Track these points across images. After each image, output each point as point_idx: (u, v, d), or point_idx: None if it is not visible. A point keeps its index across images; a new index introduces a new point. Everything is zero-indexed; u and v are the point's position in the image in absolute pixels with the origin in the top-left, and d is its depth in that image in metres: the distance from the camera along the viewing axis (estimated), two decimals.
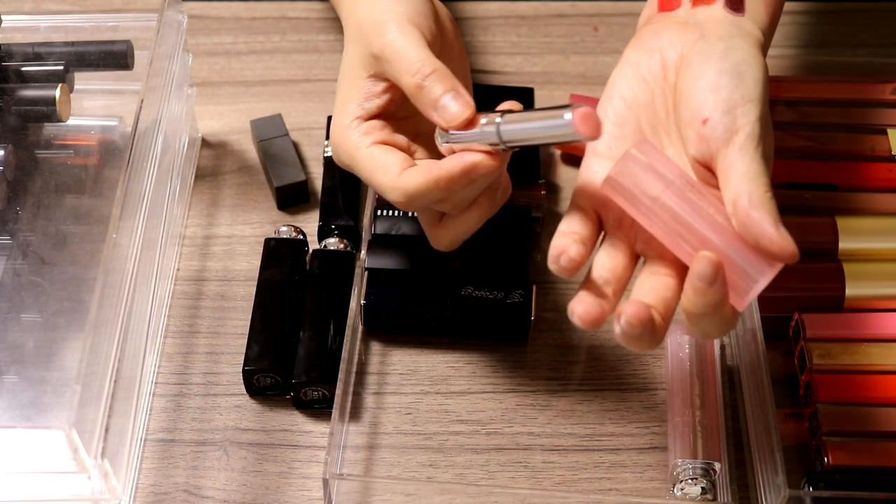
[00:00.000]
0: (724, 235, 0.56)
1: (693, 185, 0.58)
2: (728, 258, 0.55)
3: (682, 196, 0.57)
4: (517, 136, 0.59)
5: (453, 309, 0.70)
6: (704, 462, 0.65)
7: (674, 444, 0.66)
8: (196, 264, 0.76)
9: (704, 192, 0.58)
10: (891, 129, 0.76)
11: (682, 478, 0.65)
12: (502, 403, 0.70)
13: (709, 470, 0.65)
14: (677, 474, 0.65)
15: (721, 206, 0.57)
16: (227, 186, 0.80)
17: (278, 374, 0.69)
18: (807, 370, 0.67)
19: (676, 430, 0.67)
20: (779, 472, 0.62)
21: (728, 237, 0.56)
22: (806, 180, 0.73)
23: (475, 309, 0.70)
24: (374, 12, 0.64)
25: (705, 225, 0.57)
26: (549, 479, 0.67)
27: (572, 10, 0.91)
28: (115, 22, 0.75)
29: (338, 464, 0.67)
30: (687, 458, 0.65)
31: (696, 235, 0.57)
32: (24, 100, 0.70)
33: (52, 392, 0.63)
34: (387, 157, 0.63)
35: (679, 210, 0.57)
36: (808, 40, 0.88)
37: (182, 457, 0.68)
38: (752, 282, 0.55)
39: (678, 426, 0.67)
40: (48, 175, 0.72)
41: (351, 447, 0.68)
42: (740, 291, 0.56)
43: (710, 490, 0.65)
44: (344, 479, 0.65)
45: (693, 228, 0.57)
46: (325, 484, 0.63)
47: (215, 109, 0.84)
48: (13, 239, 0.69)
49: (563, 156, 0.82)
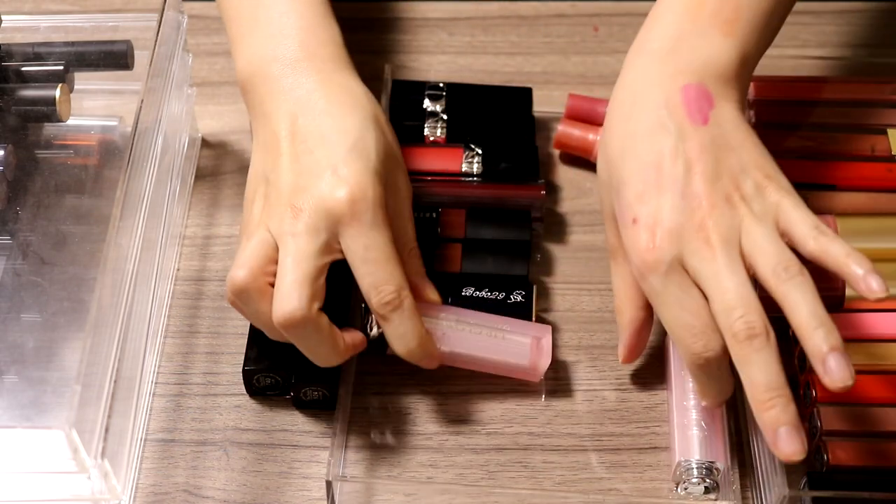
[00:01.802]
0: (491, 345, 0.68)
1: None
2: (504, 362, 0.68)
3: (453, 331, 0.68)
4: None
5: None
6: (708, 461, 0.65)
7: (676, 443, 0.66)
8: (196, 264, 0.76)
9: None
10: (891, 129, 0.76)
11: (686, 477, 0.65)
12: (502, 403, 0.70)
13: (712, 469, 0.65)
14: (680, 474, 0.65)
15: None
16: (227, 186, 0.80)
17: (278, 374, 0.69)
18: (807, 370, 0.67)
19: (679, 430, 0.67)
20: (778, 472, 0.62)
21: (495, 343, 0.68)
22: (806, 180, 0.73)
23: (476, 310, 0.70)
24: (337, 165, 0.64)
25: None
26: (549, 479, 0.67)
27: (572, 10, 0.91)
28: (115, 22, 0.75)
29: (340, 465, 0.67)
30: (690, 457, 0.65)
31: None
32: (24, 100, 0.70)
33: (52, 392, 0.63)
34: (336, 333, 0.65)
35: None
36: (808, 40, 0.88)
37: (182, 457, 0.68)
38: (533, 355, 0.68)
39: (680, 426, 0.67)
40: (48, 175, 0.72)
41: (351, 447, 0.68)
42: (534, 366, 0.68)
43: (714, 489, 0.65)
44: (348, 480, 0.65)
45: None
46: (328, 486, 0.63)
47: (215, 109, 0.84)
48: (13, 239, 0.69)
49: (562, 156, 0.82)
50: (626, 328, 0.68)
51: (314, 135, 0.65)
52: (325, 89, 0.67)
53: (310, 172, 0.64)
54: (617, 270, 0.68)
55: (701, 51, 0.65)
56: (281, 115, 0.66)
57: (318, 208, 0.63)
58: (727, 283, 0.60)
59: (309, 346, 0.64)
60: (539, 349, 0.68)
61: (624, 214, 0.64)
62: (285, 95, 0.67)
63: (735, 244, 0.61)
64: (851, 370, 0.58)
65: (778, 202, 0.62)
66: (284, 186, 0.64)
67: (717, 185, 0.62)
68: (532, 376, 0.69)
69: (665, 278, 0.61)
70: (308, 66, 0.67)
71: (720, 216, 0.61)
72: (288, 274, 0.63)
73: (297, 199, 0.64)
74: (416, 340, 0.65)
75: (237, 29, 0.70)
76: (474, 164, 0.76)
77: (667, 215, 0.62)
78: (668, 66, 0.65)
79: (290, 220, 0.63)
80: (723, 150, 0.63)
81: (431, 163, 0.76)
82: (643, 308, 0.67)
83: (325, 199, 0.63)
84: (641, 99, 0.65)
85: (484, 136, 0.78)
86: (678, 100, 0.64)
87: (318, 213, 0.63)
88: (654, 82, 0.65)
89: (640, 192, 0.63)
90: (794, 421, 0.59)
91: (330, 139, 0.65)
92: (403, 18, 0.90)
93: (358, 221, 0.63)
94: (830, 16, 0.90)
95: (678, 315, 0.61)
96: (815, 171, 0.74)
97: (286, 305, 0.62)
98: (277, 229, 0.64)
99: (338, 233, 0.63)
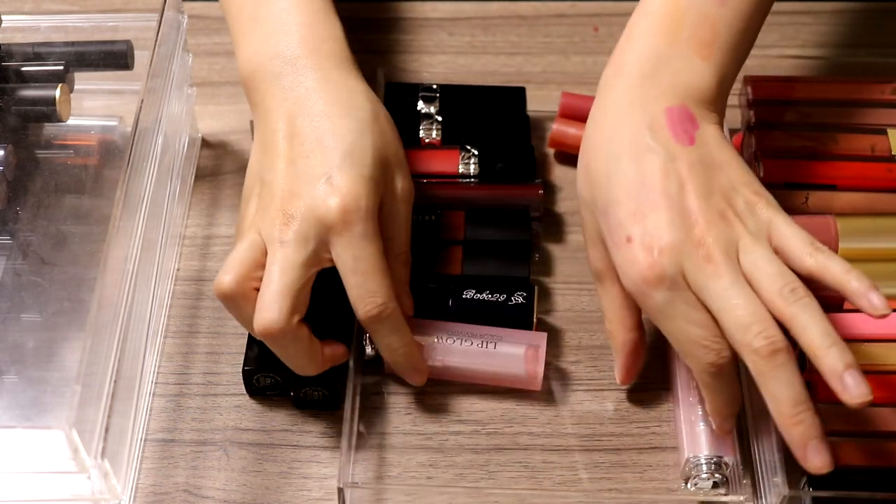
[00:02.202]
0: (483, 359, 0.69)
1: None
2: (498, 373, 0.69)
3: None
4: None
5: (456, 313, 0.70)
6: (717, 456, 0.65)
7: (685, 439, 0.66)
8: (196, 264, 0.76)
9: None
10: (891, 129, 0.76)
11: (695, 473, 0.65)
12: (502, 403, 0.70)
13: (721, 464, 0.65)
14: (689, 470, 0.65)
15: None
16: (227, 186, 0.80)
17: (278, 374, 0.69)
18: (807, 370, 0.67)
19: (686, 426, 0.66)
20: (778, 472, 0.62)
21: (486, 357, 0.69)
22: (806, 180, 0.73)
23: (477, 312, 0.70)
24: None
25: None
26: (549, 479, 0.67)
27: (572, 10, 0.91)
28: (115, 22, 0.75)
29: (350, 471, 0.66)
30: (699, 453, 0.65)
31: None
32: (24, 100, 0.70)
33: (52, 392, 0.63)
34: (315, 346, 0.66)
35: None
36: (808, 40, 0.88)
37: (182, 457, 0.68)
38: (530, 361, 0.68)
39: (687, 422, 0.67)
40: (48, 175, 0.72)
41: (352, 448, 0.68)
42: (531, 375, 0.69)
43: (723, 484, 0.65)
44: (359, 487, 0.65)
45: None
46: (339, 493, 0.63)
47: (215, 109, 0.84)
48: (13, 239, 0.69)
49: (556, 154, 0.82)
50: (621, 351, 0.68)
51: (311, 138, 0.65)
52: (323, 89, 0.67)
53: (304, 179, 0.64)
54: (605, 293, 0.68)
55: (681, 75, 0.65)
56: (280, 115, 0.66)
57: (308, 217, 0.63)
58: (737, 299, 0.60)
59: (287, 355, 0.65)
60: (534, 359, 0.68)
61: (615, 234, 0.63)
62: (285, 94, 0.67)
63: (735, 260, 0.61)
64: (868, 385, 0.59)
65: (770, 219, 0.62)
66: (278, 191, 0.64)
67: (710, 201, 0.62)
68: (531, 385, 0.69)
69: (669, 293, 0.61)
70: (308, 63, 0.67)
71: (719, 232, 0.61)
72: (271, 283, 0.63)
73: (290, 205, 0.64)
74: (401, 351, 0.66)
75: (239, 26, 0.70)
76: (471, 165, 0.76)
77: (664, 232, 0.61)
78: (649, 89, 0.65)
79: (281, 228, 0.63)
80: (711, 168, 0.63)
81: (428, 165, 0.76)
82: (635, 329, 0.68)
83: (317, 208, 0.63)
84: (623, 121, 0.65)
85: (479, 136, 0.78)
86: (662, 121, 0.64)
87: (309, 222, 0.63)
88: (636, 104, 0.65)
89: (633, 210, 0.62)
90: (821, 433, 0.60)
91: (326, 143, 0.65)
92: (403, 18, 0.90)
93: (349, 232, 0.63)
94: (830, 16, 0.90)
95: (685, 329, 0.61)
96: (815, 171, 0.74)
97: (266, 315, 0.62)
98: (268, 234, 0.64)
99: (328, 241, 0.64)
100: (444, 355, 0.69)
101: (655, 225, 0.62)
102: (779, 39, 0.88)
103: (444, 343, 0.69)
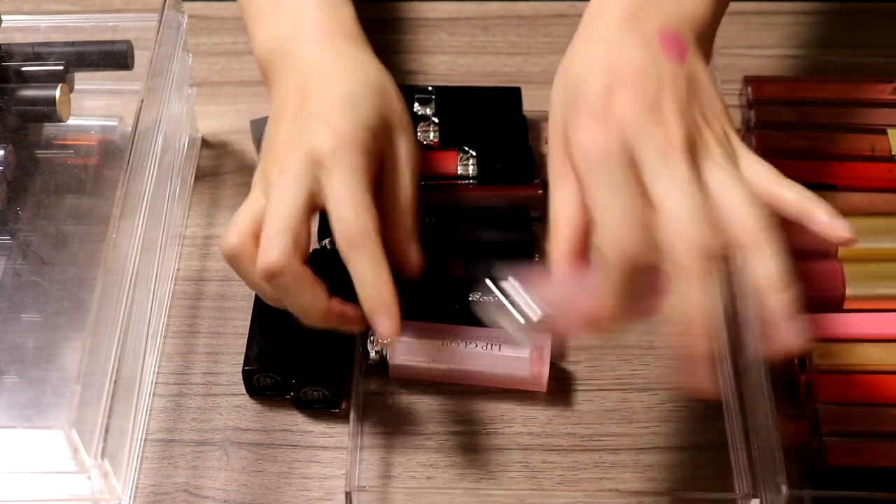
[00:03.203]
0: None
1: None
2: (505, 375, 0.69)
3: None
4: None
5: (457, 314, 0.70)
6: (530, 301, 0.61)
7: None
8: (196, 264, 0.76)
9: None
10: (891, 129, 0.76)
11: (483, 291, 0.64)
12: (502, 403, 0.70)
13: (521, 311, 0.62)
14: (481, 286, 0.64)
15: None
16: (227, 186, 0.80)
17: (278, 374, 0.69)
18: (807, 370, 0.67)
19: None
20: (778, 472, 0.62)
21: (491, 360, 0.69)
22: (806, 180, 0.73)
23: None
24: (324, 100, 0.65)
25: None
26: (549, 479, 0.67)
27: (572, 10, 0.91)
28: (115, 22, 0.75)
29: (356, 474, 0.66)
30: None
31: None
32: (24, 100, 0.70)
33: (52, 392, 0.63)
34: (319, 288, 0.64)
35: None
36: (808, 40, 0.88)
37: (182, 457, 0.68)
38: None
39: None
40: (48, 175, 0.72)
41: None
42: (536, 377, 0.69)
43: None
44: (366, 490, 0.65)
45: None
46: (347, 497, 0.63)
47: (215, 109, 0.84)
48: (13, 239, 0.69)
49: None
50: (556, 267, 0.61)
51: (317, 96, 0.66)
52: (337, 59, 0.68)
53: (302, 126, 0.65)
54: (556, 195, 0.61)
55: (674, 4, 0.62)
56: (293, 84, 0.68)
57: (301, 155, 0.64)
58: (690, 189, 0.56)
59: (292, 298, 0.64)
60: (540, 360, 0.68)
61: (579, 108, 0.59)
62: (298, 67, 0.68)
63: (696, 164, 0.57)
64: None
65: (741, 151, 0.60)
66: (279, 141, 0.66)
67: (686, 109, 0.59)
68: (536, 386, 0.69)
69: (614, 160, 0.57)
70: (324, 40, 0.69)
71: (688, 133, 0.58)
72: (268, 225, 0.63)
73: (286, 151, 0.64)
74: (373, 284, 0.63)
75: (255, 10, 0.72)
76: (469, 166, 0.76)
77: (631, 106, 0.58)
78: (642, 15, 0.62)
79: (277, 173, 0.64)
80: (696, 88, 0.60)
81: (427, 167, 0.76)
82: (581, 239, 0.60)
83: (310, 147, 0.64)
84: (613, 37, 0.61)
85: (476, 138, 0.78)
86: (655, 39, 0.61)
87: (301, 159, 0.64)
88: (629, 29, 0.61)
89: (605, 85, 0.58)
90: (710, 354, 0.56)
91: (330, 97, 0.66)
92: (403, 18, 0.91)
93: (338, 166, 0.63)
94: (830, 16, 0.90)
95: (623, 209, 0.56)
96: (815, 171, 0.74)
97: (265, 256, 0.62)
98: (266, 185, 0.65)
99: (319, 179, 0.63)
100: (451, 358, 0.69)
101: (623, 101, 0.58)
102: (779, 39, 0.88)
103: (450, 346, 0.69)
